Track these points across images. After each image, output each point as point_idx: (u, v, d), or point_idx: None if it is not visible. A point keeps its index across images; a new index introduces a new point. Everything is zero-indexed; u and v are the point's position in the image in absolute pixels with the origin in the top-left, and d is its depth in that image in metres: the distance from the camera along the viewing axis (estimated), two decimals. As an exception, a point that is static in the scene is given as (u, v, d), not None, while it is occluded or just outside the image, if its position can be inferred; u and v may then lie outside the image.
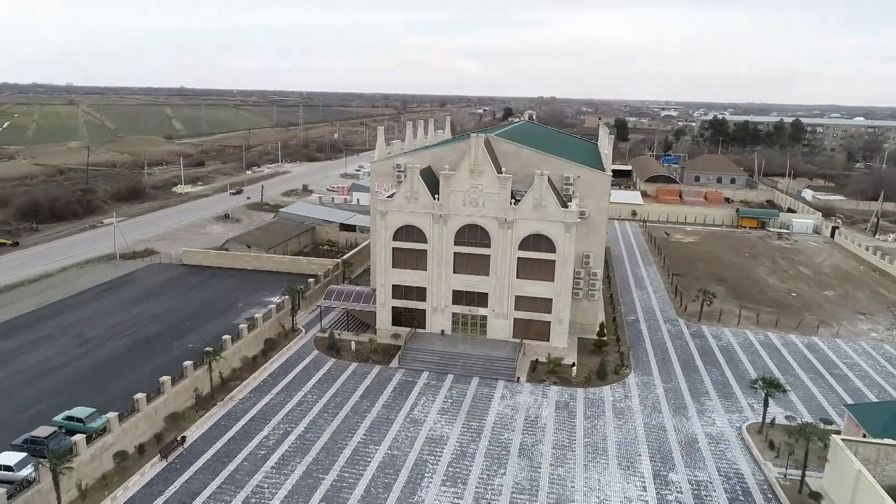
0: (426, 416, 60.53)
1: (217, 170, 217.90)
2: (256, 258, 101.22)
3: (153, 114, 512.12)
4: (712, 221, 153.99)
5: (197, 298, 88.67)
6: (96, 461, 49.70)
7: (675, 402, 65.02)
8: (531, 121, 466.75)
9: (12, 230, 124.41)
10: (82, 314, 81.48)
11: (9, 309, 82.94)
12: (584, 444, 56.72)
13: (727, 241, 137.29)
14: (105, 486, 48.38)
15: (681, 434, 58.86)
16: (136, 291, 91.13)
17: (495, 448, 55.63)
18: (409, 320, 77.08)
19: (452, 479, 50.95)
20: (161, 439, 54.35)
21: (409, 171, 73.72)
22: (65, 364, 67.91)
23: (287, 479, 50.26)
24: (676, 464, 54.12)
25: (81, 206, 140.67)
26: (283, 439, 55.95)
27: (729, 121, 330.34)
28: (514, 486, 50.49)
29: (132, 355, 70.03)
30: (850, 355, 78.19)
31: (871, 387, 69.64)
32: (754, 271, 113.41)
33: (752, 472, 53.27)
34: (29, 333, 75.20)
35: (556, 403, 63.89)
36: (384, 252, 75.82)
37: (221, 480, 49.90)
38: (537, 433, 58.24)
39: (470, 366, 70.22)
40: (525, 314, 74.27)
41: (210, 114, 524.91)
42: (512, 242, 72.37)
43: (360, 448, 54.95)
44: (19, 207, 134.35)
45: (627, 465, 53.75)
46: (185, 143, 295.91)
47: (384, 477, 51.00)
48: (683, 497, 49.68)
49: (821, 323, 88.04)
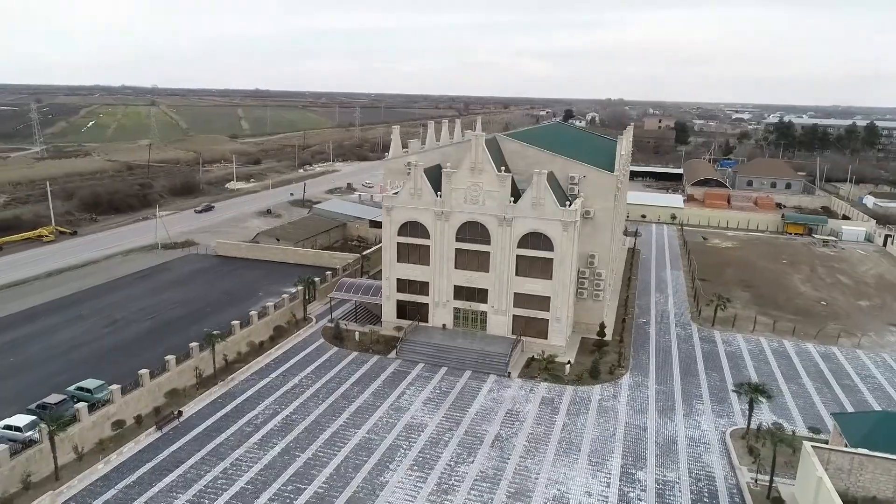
0: (410, 405, 62.62)
1: (271, 168, 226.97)
2: (283, 251, 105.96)
3: (225, 114, 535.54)
4: (756, 227, 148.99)
5: (222, 287, 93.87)
6: (97, 428, 54.42)
7: (664, 403, 64.57)
8: (592, 123, 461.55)
9: (73, 220, 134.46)
10: (115, 298, 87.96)
11: (53, 291, 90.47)
12: (559, 439, 57.40)
13: (767, 247, 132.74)
14: (101, 450, 52.89)
15: (661, 435, 58.59)
16: (168, 279, 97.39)
17: (470, 438, 57.11)
18: (413, 313, 79.36)
19: (420, 465, 52.84)
20: (159, 412, 58.68)
21: (413, 168, 76.02)
22: (91, 342, 73.85)
23: (266, 455, 53.48)
24: (648, 463, 54.09)
25: (138, 199, 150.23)
26: (270, 419, 59.33)
27: (796, 124, 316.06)
28: (478, 474, 51.89)
29: (151, 336, 75.25)
30: (868, 366, 75.06)
31: (881, 399, 66.88)
32: (787, 278, 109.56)
33: (725, 476, 52.65)
34: (65, 313, 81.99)
35: (542, 399, 64.67)
36: (389, 247, 78.42)
37: (206, 452, 53.65)
38: (515, 426, 59.32)
39: (464, 359, 71.82)
40: (524, 311, 75.20)
41: (278, 114, 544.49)
42: (511, 240, 73.49)
43: (341, 431, 57.63)
44: (82, 199, 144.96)
45: (597, 461, 54.15)
46: (247, 142, 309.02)
47: (356, 458, 53.44)
48: (645, 495, 49.78)
49: (845, 333, 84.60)
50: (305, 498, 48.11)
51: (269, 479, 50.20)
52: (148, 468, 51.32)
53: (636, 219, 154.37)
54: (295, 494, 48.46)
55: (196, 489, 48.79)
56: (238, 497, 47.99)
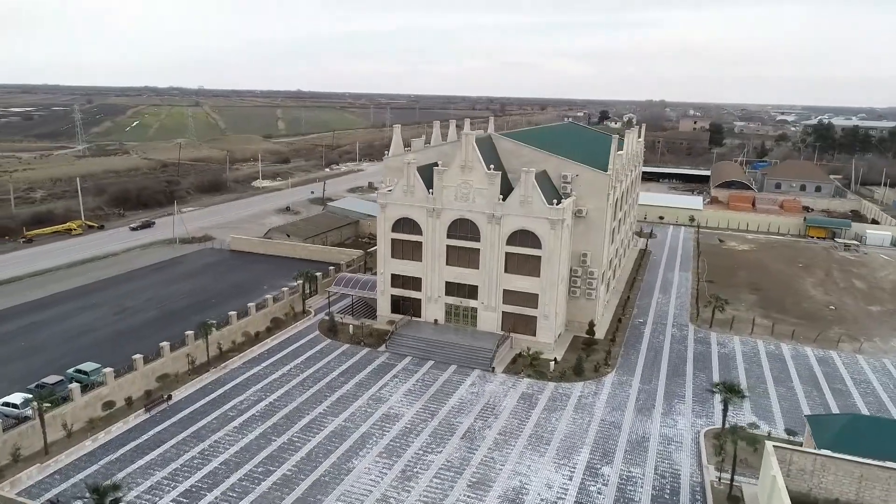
0: (390, 396, 64.27)
1: (298, 167, 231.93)
2: (293, 247, 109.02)
3: (263, 115, 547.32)
4: (777, 230, 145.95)
5: (230, 280, 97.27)
6: (89, 408, 57.65)
7: (643, 402, 64.67)
8: (629, 124, 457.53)
9: (102, 215, 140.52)
10: (128, 288, 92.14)
11: (72, 280, 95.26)
12: (531, 433, 58.21)
13: (786, 250, 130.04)
14: (91, 428, 56.06)
15: (634, 433, 58.83)
16: (181, 271, 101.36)
17: (443, 429, 58.42)
18: (406, 308, 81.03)
19: (389, 452, 54.42)
20: (150, 395, 61.70)
21: (407, 166, 77.69)
22: (99, 328, 77.78)
23: (243, 438, 55.85)
24: (616, 459, 54.50)
25: (164, 195, 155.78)
26: (254, 405, 61.75)
27: (836, 126, 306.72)
28: (444, 463, 53.18)
29: (156, 324, 78.69)
30: (864, 371, 73.49)
31: (871, 404, 65.58)
32: (799, 282, 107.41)
33: (691, 474, 52.72)
34: (79, 302, 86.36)
35: (522, 394, 65.51)
36: (384, 242, 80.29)
37: (187, 434, 56.33)
38: (489, 419, 60.37)
39: (451, 354, 73.08)
40: (513, 308, 76.05)
41: (316, 115, 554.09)
42: (500, 237, 74.47)
43: (319, 418, 59.65)
44: (112, 195, 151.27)
45: (564, 455, 54.81)
46: (280, 142, 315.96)
47: (328, 444, 55.34)
48: (606, 489, 50.29)
49: (848, 337, 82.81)
50: (273, 479, 50.21)
51: (242, 461, 52.50)
52: (131, 447, 54.21)
53: (653, 220, 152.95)
54: (264, 476, 50.60)
55: (172, 467, 51.40)
56: (210, 476, 50.39)
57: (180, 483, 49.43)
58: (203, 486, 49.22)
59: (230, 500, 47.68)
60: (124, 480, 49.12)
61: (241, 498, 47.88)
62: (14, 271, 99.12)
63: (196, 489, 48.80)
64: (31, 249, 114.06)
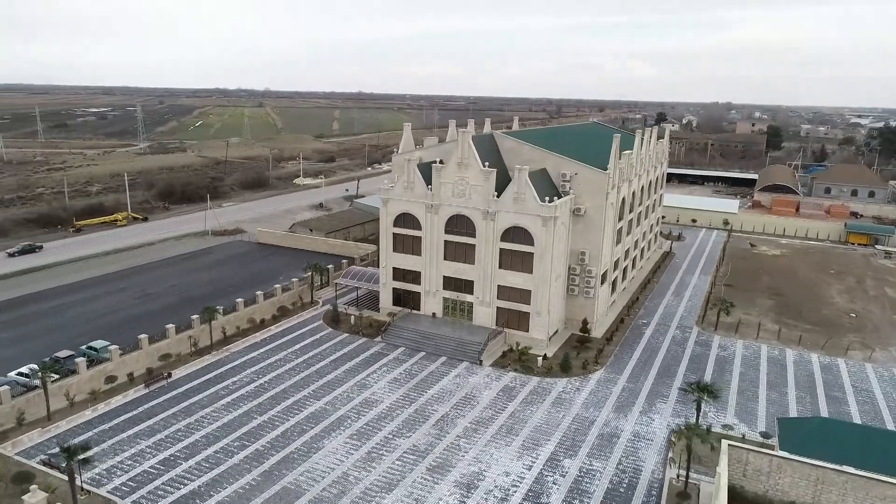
0: (375, 383, 66.65)
1: (342, 165, 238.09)
2: (314, 240, 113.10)
3: (321, 115, 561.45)
4: (816, 235, 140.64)
5: (251, 270, 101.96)
6: (93, 381, 62.48)
7: (624, 400, 64.73)
8: (688, 126, 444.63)
9: (148, 208, 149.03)
10: (154, 275, 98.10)
11: (106, 267, 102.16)
12: (503, 423, 59.41)
13: (820, 256, 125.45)
14: (93, 400, 60.82)
15: (607, 428, 59.15)
16: (207, 261, 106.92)
17: (417, 416, 60.36)
18: (407, 301, 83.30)
19: (359, 435, 56.79)
20: (151, 373, 66.18)
21: (407, 163, 79.99)
22: (120, 310, 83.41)
23: (228, 415, 59.38)
24: (580, 453, 55.09)
25: (209, 191, 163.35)
26: (245, 385, 65.33)
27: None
28: (410, 446, 55.14)
29: (173, 309, 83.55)
30: (869, 380, 70.98)
31: (866, 412, 63.48)
32: (824, 289, 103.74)
33: (653, 471, 52.80)
34: (107, 286, 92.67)
35: (504, 387, 66.68)
36: (386, 237, 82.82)
37: (177, 409, 60.32)
38: (465, 408, 61.90)
39: (442, 346, 74.87)
40: (507, 304, 77.17)
41: (372, 116, 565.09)
42: (494, 233, 75.75)
43: (301, 400, 62.63)
44: (160, 190, 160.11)
45: (530, 446, 55.80)
46: (330, 142, 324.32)
47: (305, 424, 58.19)
48: (563, 480, 51.07)
49: (861, 345, 79.93)
50: (246, 453, 53.38)
51: (221, 435, 55.95)
52: (125, 417, 58.56)
53: (686, 223, 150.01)
54: (238, 450, 53.85)
55: (157, 438, 55.35)
56: (189, 447, 54.01)
57: (161, 452, 53.24)
58: (181, 455, 52.86)
59: (202, 469, 51.09)
60: (112, 447, 53.56)
61: (212, 468, 51.22)
62: (58, 257, 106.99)
63: (173, 458, 52.48)
64: (79, 238, 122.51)
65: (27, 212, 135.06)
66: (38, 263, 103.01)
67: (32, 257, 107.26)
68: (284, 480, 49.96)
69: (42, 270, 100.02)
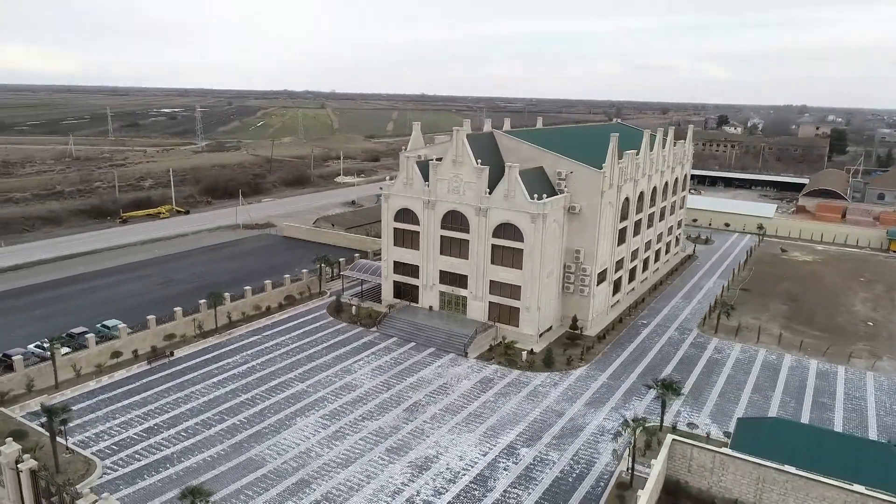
0: (359, 369, 69.64)
1: (385, 165, 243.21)
2: (335, 235, 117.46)
3: (378, 117, 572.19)
4: (855, 242, 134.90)
5: (271, 261, 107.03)
6: (101, 356, 68.03)
7: (600, 396, 65.29)
8: (752, 130, 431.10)
9: (193, 202, 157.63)
10: (181, 264, 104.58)
11: (140, 255, 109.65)
12: (471, 412, 61.21)
13: (856, 263, 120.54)
14: (98, 372, 66.32)
15: (574, 422, 59.99)
16: (232, 252, 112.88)
17: (391, 401, 62.93)
18: (407, 294, 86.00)
19: (331, 416, 59.84)
20: (155, 351, 71.33)
21: (406, 159, 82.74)
22: (142, 294, 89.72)
23: (214, 392, 63.60)
24: (539, 443, 56.28)
25: (250, 187, 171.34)
26: (238, 366, 69.59)
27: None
28: (376, 429, 57.77)
29: (191, 294, 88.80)
30: (866, 388, 68.77)
31: (850, 420, 61.76)
32: (847, 296, 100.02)
33: (607, 463, 53.44)
34: (136, 272, 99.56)
35: (483, 378, 68.38)
36: (387, 231, 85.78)
37: (172, 384, 65.05)
38: (438, 396, 64.02)
39: (432, 338, 77.15)
40: (498, 298, 78.72)
41: (429, 117, 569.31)
42: (486, 229, 77.46)
43: (286, 382, 66.26)
44: (205, 185, 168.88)
45: (491, 434, 57.40)
46: (380, 142, 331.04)
47: (283, 403, 61.73)
48: (514, 467, 52.50)
49: (869, 353, 77.24)
50: (222, 426, 57.31)
51: (204, 410, 60.14)
52: (124, 390, 63.63)
53: (719, 227, 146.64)
54: (217, 423, 57.85)
55: (147, 408, 60.04)
56: (173, 419, 58.40)
57: (146, 421, 57.83)
58: (163, 425, 57.27)
59: (179, 438, 55.29)
60: (105, 414, 58.58)
61: (188, 438, 55.35)
62: (99, 245, 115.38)
63: (157, 427, 56.95)
64: (123, 228, 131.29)
65: (82, 203, 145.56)
66: (78, 250, 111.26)
67: (77, 243, 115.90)
68: (251, 452, 53.51)
69: (81, 257, 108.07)
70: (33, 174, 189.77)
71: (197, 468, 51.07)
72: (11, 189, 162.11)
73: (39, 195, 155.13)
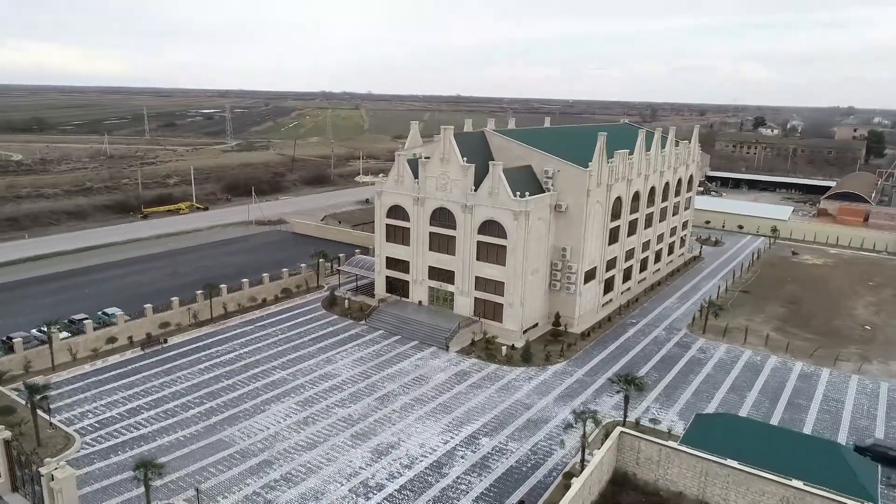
0: (340, 359, 71.89)
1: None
2: (340, 231, 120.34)
3: (410, 117, 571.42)
4: (872, 246, 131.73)
5: (277, 256, 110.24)
6: (98, 341, 71.82)
7: (571, 391, 66.12)
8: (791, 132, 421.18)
9: (213, 199, 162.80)
10: (189, 257, 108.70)
11: (153, 248, 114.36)
12: (441, 402, 62.78)
13: (866, 267, 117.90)
14: (93, 356, 70.07)
15: (540, 415, 61.00)
16: (241, 247, 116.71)
17: (365, 390, 64.95)
18: (398, 289, 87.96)
19: (304, 402, 62.17)
20: (150, 337, 74.83)
21: (397, 157, 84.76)
22: (148, 285, 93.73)
23: (198, 378, 66.57)
24: (502, 433, 57.52)
25: (270, 185, 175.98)
26: (226, 354, 72.55)
27: None
28: (346, 415, 59.86)
29: (195, 286, 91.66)
30: (847, 391, 67.91)
31: (823, 421, 61.24)
32: (851, 300, 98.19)
33: (563, 456, 54.37)
34: (145, 265, 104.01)
35: (459, 371, 69.87)
36: (379, 227, 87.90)
37: (160, 368, 68.33)
38: (412, 387, 65.78)
39: (417, 331, 78.93)
40: (483, 294, 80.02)
41: (461, 118, 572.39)
42: (472, 226, 78.89)
43: (269, 369, 68.90)
44: (226, 183, 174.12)
45: (455, 424, 58.89)
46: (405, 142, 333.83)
47: (261, 390, 64.31)
48: (472, 455, 53.89)
49: (859, 357, 76.08)
50: (200, 409, 60.16)
51: (186, 393, 63.14)
52: (115, 373, 67.14)
53: (732, 229, 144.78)
54: (195, 406, 60.72)
55: (133, 391, 63.35)
56: (155, 401, 61.49)
57: (130, 402, 61.08)
58: (145, 406, 60.43)
59: (158, 418, 58.30)
60: (94, 395, 62.01)
61: (166, 419, 58.31)
62: (117, 238, 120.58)
63: (139, 408, 60.13)
64: (143, 223, 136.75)
65: (107, 199, 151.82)
66: (96, 243, 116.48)
67: (96, 236, 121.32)
68: (222, 434, 56.16)
69: (96, 249, 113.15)
70: (68, 171, 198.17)
71: (169, 446, 53.92)
72: (45, 185, 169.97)
73: (69, 191, 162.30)
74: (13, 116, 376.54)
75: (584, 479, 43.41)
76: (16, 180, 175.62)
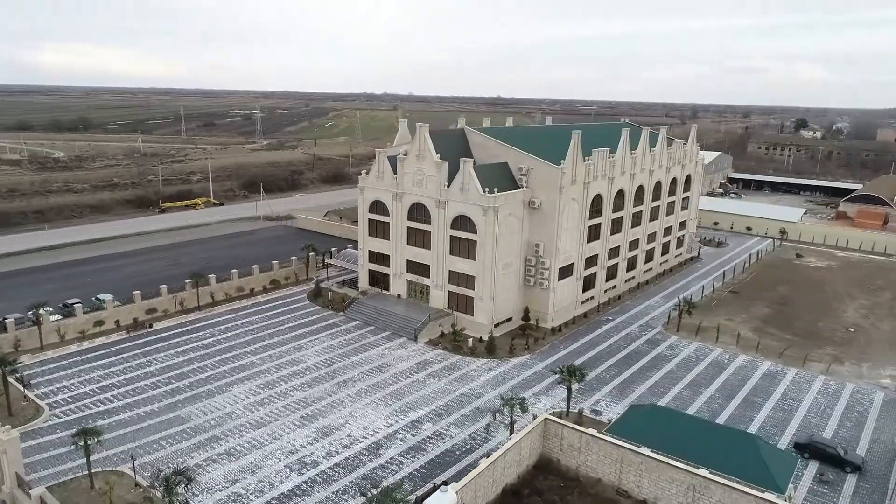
0: (310, 346, 74.87)
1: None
2: (341, 227, 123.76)
3: (446, 118, 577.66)
4: (883, 250, 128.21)
5: (276, 249, 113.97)
6: (86, 324, 76.51)
7: (527, 382, 67.47)
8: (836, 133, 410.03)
9: (230, 195, 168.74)
10: (193, 249, 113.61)
11: (161, 240, 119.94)
12: (394, 389, 65.05)
13: (870, 270, 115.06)
14: (81, 338, 74.75)
15: (489, 403, 62.37)
16: (245, 241, 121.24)
17: (326, 375, 67.72)
18: (380, 282, 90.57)
19: (266, 385, 65.27)
20: (136, 322, 79.25)
21: (378, 153, 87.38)
22: (148, 274, 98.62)
23: (172, 360, 70.40)
24: (446, 420, 59.41)
25: (287, 182, 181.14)
26: (204, 339, 76.31)
27: None
28: (301, 398, 62.70)
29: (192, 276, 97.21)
30: (809, 390, 67.39)
31: (773, 419, 61.13)
32: (844, 303, 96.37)
33: (501, 442, 55.81)
34: (149, 256, 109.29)
35: (422, 361, 72.00)
36: (362, 222, 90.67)
37: (139, 350, 72.51)
38: (370, 374, 68.24)
39: (390, 323, 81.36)
40: (456, 288, 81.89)
41: (497, 120, 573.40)
42: (445, 221, 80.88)
43: (241, 354, 72.34)
44: (245, 180, 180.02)
45: (402, 409, 61.05)
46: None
47: (228, 373, 67.72)
48: (411, 439, 55.99)
49: (832, 358, 75.14)
50: (167, 388, 63.90)
51: (158, 373, 67.02)
52: (98, 353, 71.59)
53: (741, 231, 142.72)
54: (164, 385, 64.51)
55: (110, 370, 67.58)
56: (129, 380, 65.52)
57: (105, 380, 65.27)
58: (117, 384, 64.52)
59: (126, 395, 62.24)
60: (74, 372, 66.39)
61: (134, 396, 62.21)
62: (129, 230, 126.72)
63: (111, 385, 64.26)
64: (160, 216, 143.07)
65: (129, 194, 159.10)
66: (107, 234, 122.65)
67: (111, 228, 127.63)
68: (180, 411, 59.67)
69: (108, 241, 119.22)
70: (100, 168, 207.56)
71: (129, 420, 57.69)
72: (76, 181, 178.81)
73: (96, 186, 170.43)
74: (62, 116, 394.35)
75: (494, 460, 45.11)
76: (51, 176, 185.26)
